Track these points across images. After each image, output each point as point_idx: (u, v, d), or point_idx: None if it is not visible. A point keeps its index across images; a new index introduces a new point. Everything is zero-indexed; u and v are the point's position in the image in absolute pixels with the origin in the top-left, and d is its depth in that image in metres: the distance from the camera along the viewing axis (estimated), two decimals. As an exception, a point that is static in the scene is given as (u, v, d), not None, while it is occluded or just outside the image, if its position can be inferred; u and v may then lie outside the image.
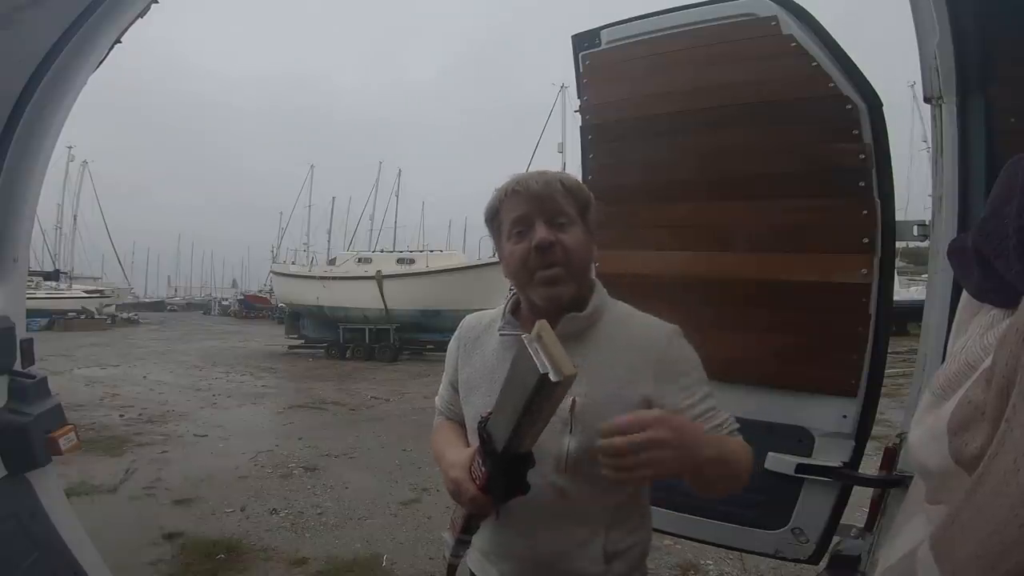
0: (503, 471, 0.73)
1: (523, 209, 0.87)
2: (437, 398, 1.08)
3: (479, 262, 15.56)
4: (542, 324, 0.67)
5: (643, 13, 1.79)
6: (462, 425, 1.00)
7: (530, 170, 0.94)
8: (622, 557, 0.88)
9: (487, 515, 0.82)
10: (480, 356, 0.97)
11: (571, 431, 0.83)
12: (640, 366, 0.85)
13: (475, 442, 0.81)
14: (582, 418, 0.83)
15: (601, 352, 0.87)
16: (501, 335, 0.94)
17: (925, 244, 1.46)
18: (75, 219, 37.67)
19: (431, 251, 18.68)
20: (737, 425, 0.87)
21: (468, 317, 1.05)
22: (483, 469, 0.76)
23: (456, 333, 1.04)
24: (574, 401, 0.82)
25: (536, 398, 0.63)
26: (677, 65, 1.68)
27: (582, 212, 0.90)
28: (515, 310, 0.96)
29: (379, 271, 14.88)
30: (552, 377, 0.60)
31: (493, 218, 0.93)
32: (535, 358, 0.63)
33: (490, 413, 0.76)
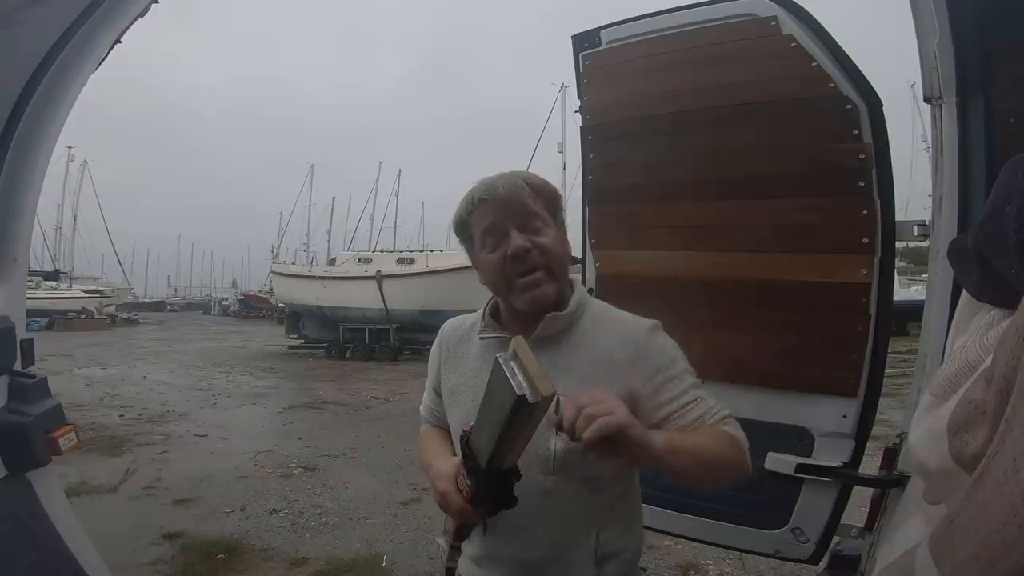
0: (488, 486, 0.73)
1: (493, 217, 0.85)
2: (422, 406, 1.06)
3: (479, 262, 15.52)
4: (517, 341, 0.66)
5: (643, 13, 1.79)
6: (447, 431, 0.99)
7: (499, 172, 0.91)
8: (614, 559, 0.87)
9: (477, 524, 0.81)
10: (463, 361, 0.95)
11: (557, 431, 0.82)
12: (621, 361, 0.85)
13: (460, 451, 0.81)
14: None
15: (584, 350, 0.87)
16: (481, 338, 0.93)
17: (925, 244, 1.46)
18: (75, 219, 37.72)
19: (431, 251, 18.68)
20: (727, 412, 0.86)
21: (449, 321, 1.03)
22: (468, 483, 0.75)
23: (437, 338, 1.02)
24: (559, 400, 0.81)
25: (515, 419, 0.62)
26: (677, 65, 1.68)
27: (553, 211, 0.89)
28: (495, 312, 0.95)
29: (379, 271, 14.87)
30: (530, 399, 0.59)
31: (464, 228, 0.90)
32: (511, 379, 0.61)
33: (472, 428, 0.76)
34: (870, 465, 1.52)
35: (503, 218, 0.84)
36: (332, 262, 19.02)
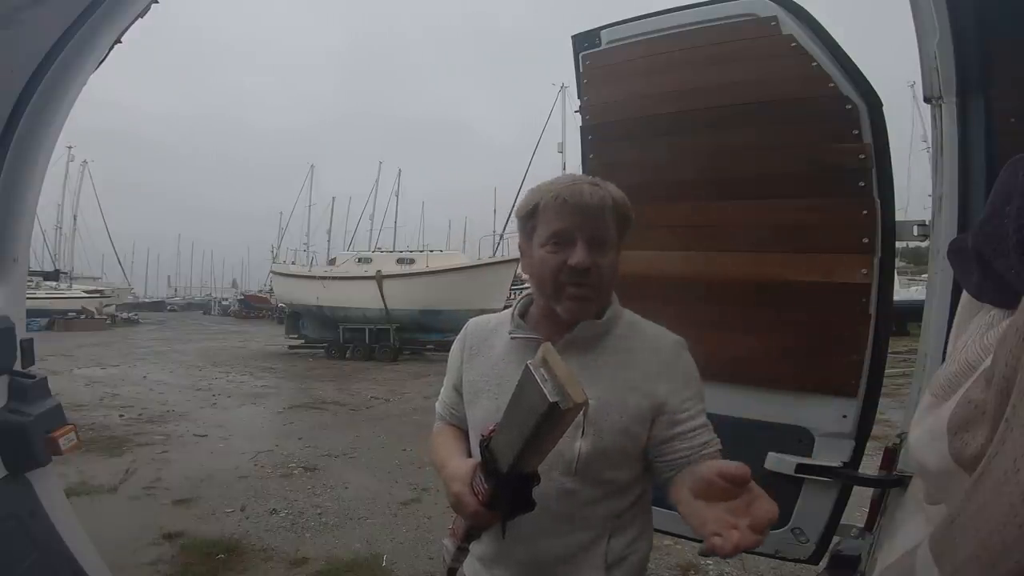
0: (508, 490, 0.73)
1: (568, 222, 0.84)
2: (438, 403, 1.06)
3: (479, 262, 15.56)
4: (547, 348, 0.66)
5: (643, 13, 1.79)
6: (462, 430, 1.00)
7: (579, 174, 0.93)
8: (622, 566, 0.87)
9: (488, 527, 0.81)
10: (485, 359, 0.96)
11: (583, 433, 0.83)
12: (649, 373, 0.87)
13: (478, 451, 0.81)
14: (594, 421, 0.83)
15: (613, 357, 0.88)
16: (512, 338, 0.93)
17: (925, 244, 1.46)
18: (75, 219, 37.74)
19: (431, 251, 18.68)
20: (719, 447, 0.87)
21: (473, 320, 1.04)
22: (485, 486, 0.75)
23: (460, 335, 1.03)
24: (587, 403, 0.82)
25: (544, 425, 0.62)
26: (677, 65, 1.68)
27: (621, 232, 0.90)
28: (524, 313, 0.96)
29: (379, 271, 14.87)
30: (562, 405, 0.60)
31: (530, 216, 0.89)
32: (543, 385, 0.62)
33: (492, 432, 0.76)
34: (870, 465, 1.52)
35: (576, 226, 0.84)
36: (332, 262, 19.02)
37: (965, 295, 0.64)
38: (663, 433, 0.85)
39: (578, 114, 1.91)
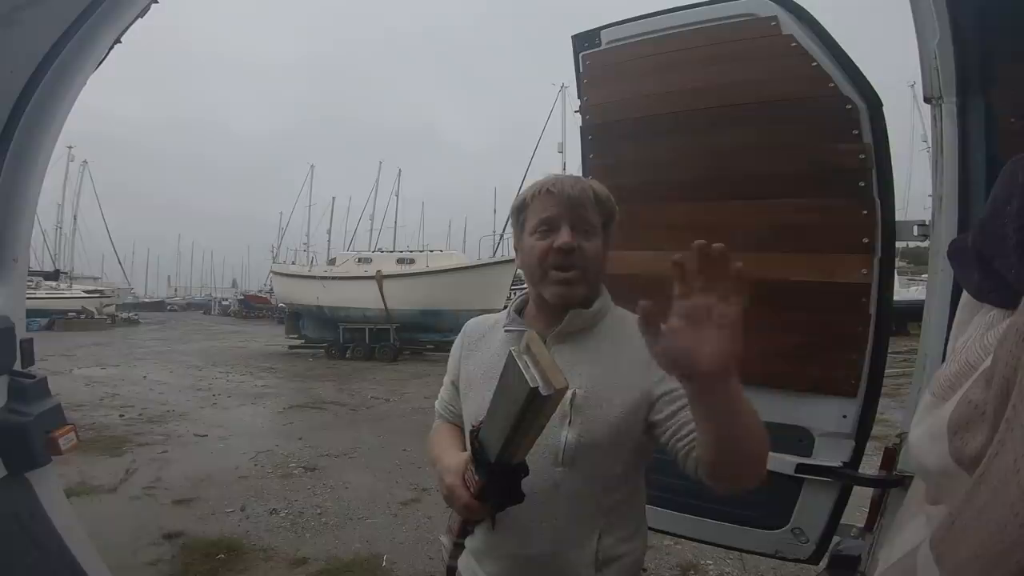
0: (496, 481, 0.73)
1: (553, 210, 0.89)
2: (437, 401, 1.08)
3: (479, 262, 15.58)
4: (531, 336, 0.67)
5: (643, 13, 1.79)
6: (459, 427, 1.01)
7: (563, 174, 0.97)
8: (614, 564, 0.87)
9: (482, 520, 0.82)
10: (481, 354, 0.98)
11: (570, 423, 0.83)
12: (638, 362, 0.87)
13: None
14: (581, 410, 0.84)
15: (602, 347, 0.90)
16: (506, 331, 0.96)
17: (925, 244, 1.46)
18: (75, 219, 37.76)
19: (431, 251, 18.69)
20: None
21: (472, 320, 1.07)
22: (476, 477, 0.75)
23: (460, 335, 1.06)
24: (574, 393, 0.83)
25: (527, 412, 0.63)
26: (677, 65, 1.68)
27: (605, 223, 0.93)
28: (520, 310, 0.98)
29: (379, 271, 14.87)
30: (543, 391, 0.60)
31: (520, 210, 0.95)
32: (524, 372, 0.62)
33: (482, 422, 0.76)
34: (870, 465, 1.52)
35: (562, 213, 0.89)
36: (332, 262, 19.01)
37: (965, 295, 0.64)
38: (666, 409, 0.84)
39: (578, 114, 1.91)
